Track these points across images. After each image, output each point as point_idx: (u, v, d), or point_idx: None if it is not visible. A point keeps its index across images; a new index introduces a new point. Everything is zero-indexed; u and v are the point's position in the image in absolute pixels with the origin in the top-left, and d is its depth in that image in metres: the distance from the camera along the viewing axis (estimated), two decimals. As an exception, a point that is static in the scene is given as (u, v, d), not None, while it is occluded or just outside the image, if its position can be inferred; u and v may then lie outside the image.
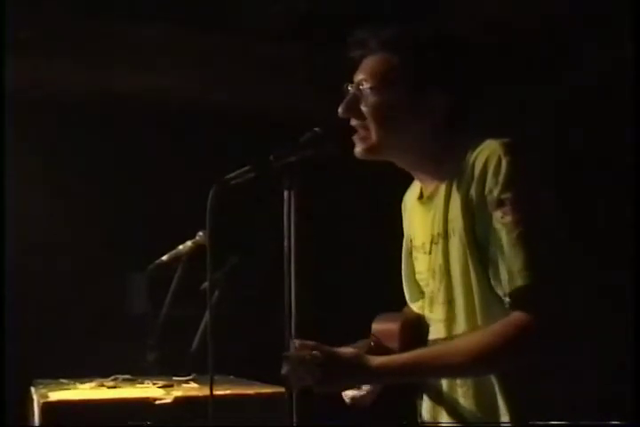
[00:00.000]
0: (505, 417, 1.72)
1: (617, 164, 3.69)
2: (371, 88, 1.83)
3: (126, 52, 4.22)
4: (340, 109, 1.86)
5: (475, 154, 1.75)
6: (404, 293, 2.05)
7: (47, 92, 4.29)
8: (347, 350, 1.79)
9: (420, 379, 1.85)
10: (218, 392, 2.59)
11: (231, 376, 3.17)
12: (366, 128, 1.84)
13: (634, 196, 3.09)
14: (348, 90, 1.88)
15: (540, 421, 1.72)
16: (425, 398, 1.90)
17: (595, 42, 3.95)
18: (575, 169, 4.01)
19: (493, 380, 1.74)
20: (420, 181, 1.94)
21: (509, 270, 1.67)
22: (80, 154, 4.45)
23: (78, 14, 4.03)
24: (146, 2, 3.98)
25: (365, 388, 1.91)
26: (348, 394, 1.93)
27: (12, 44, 3.69)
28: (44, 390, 2.82)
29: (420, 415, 1.92)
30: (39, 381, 3.06)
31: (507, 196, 1.68)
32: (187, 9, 4.11)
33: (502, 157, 1.71)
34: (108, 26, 4.14)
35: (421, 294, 1.94)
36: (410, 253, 2.00)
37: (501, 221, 1.68)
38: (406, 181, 2.03)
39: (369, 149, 1.84)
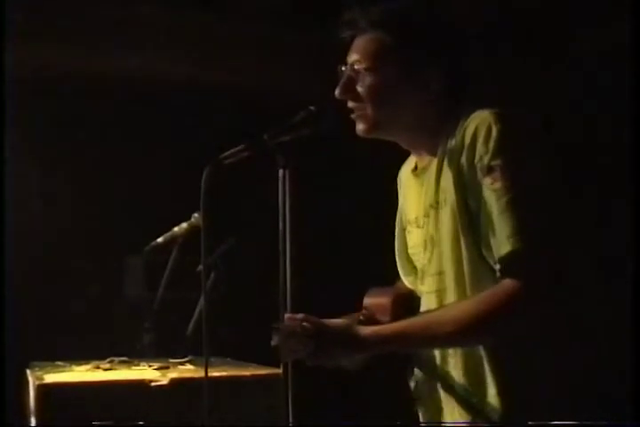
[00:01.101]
0: (492, 389, 1.73)
1: (616, 151, 3.68)
2: (365, 69, 1.84)
3: (123, 36, 4.21)
4: (336, 92, 1.87)
5: (466, 123, 1.76)
6: (397, 269, 2.05)
7: (42, 76, 4.28)
8: (336, 321, 1.81)
9: (410, 348, 1.85)
10: (214, 374, 2.58)
11: (228, 358, 3.17)
12: (364, 108, 1.85)
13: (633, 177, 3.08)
14: (342, 71, 1.88)
15: (525, 392, 1.73)
16: (417, 369, 1.91)
17: (594, 27, 3.94)
18: (571, 155, 3.99)
19: (481, 351, 1.75)
20: (416, 155, 1.95)
21: (499, 237, 1.67)
22: (77, 137, 4.44)
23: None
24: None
25: None
26: None
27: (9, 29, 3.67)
28: (39, 373, 2.81)
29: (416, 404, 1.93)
30: (35, 363, 3.05)
31: (496, 162, 1.69)
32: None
33: (492, 125, 1.71)
34: (104, 9, 4.13)
35: (414, 269, 1.95)
36: (403, 228, 2.01)
37: (491, 188, 1.69)
38: (402, 158, 2.04)
39: (370, 128, 1.86)
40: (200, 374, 2.79)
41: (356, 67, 1.85)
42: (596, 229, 3.78)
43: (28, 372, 2.91)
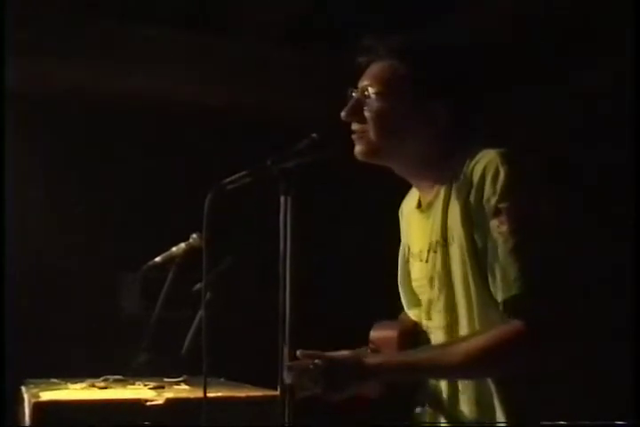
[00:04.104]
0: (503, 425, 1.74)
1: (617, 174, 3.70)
2: (375, 94, 1.85)
3: (127, 53, 4.24)
4: (343, 113, 1.88)
5: (473, 163, 1.77)
6: (400, 299, 2.06)
7: (46, 91, 4.29)
8: (345, 354, 1.82)
9: (418, 378, 1.86)
10: (209, 394, 2.56)
11: (222, 379, 3.17)
12: (367, 131, 1.86)
13: (634, 205, 3.10)
14: (352, 95, 1.90)
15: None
16: (426, 405, 1.91)
17: (595, 55, 3.97)
18: (573, 178, 4.02)
19: (492, 387, 1.76)
20: (419, 188, 1.96)
21: (504, 279, 1.69)
22: (77, 154, 4.44)
23: (77, 15, 4.06)
24: (147, 3, 4.00)
25: None
26: None
27: (12, 44, 3.69)
28: (35, 390, 2.81)
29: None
30: (30, 380, 3.04)
31: (504, 205, 1.70)
32: (187, 10, 4.13)
33: (500, 166, 1.72)
34: (108, 26, 4.16)
35: (418, 301, 1.96)
36: (407, 261, 2.02)
37: (498, 230, 1.70)
38: (404, 187, 2.05)
39: (368, 151, 1.87)
40: (195, 394, 2.80)
41: (366, 91, 1.86)
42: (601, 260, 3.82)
43: (24, 389, 2.90)
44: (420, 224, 1.93)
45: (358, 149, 1.87)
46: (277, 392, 1.73)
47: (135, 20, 4.17)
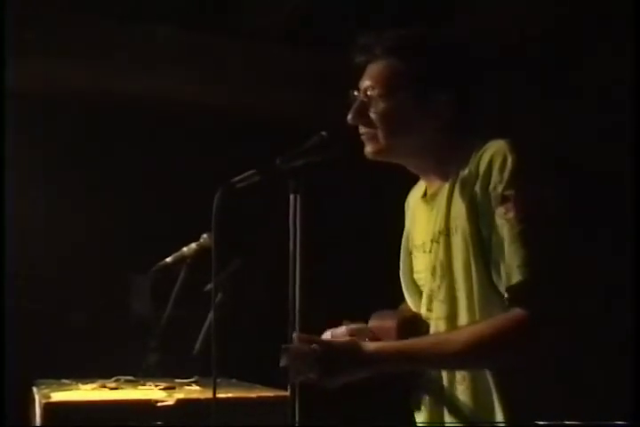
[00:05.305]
0: (499, 415, 1.74)
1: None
2: (378, 95, 1.86)
3: (127, 53, 4.23)
4: (349, 117, 1.90)
5: (480, 152, 1.78)
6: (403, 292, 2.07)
7: (47, 91, 4.29)
8: (343, 340, 1.82)
9: (416, 367, 1.85)
10: (220, 395, 2.57)
11: (233, 379, 3.17)
12: (375, 133, 1.87)
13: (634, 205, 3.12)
14: (354, 96, 1.91)
15: (534, 419, 1.72)
16: (423, 394, 1.91)
17: (596, 54, 3.99)
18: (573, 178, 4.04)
19: (490, 378, 1.76)
20: (426, 180, 1.98)
21: (509, 266, 1.69)
22: (83, 154, 4.44)
23: (80, 14, 4.06)
24: (147, 3, 4.01)
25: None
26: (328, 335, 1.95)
27: (12, 44, 3.69)
28: (46, 391, 2.81)
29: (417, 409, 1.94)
30: (41, 381, 3.04)
31: (511, 192, 1.71)
32: (187, 10, 4.14)
33: (508, 154, 1.73)
34: (109, 26, 4.16)
35: (419, 292, 1.96)
36: (409, 253, 2.03)
37: (504, 217, 1.70)
38: (410, 182, 2.07)
39: (379, 151, 1.88)
40: (206, 394, 2.80)
41: (368, 92, 1.87)
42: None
43: (35, 390, 2.90)
44: (423, 215, 1.95)
45: (369, 149, 1.89)
46: (288, 393, 1.74)
47: (135, 20, 4.17)
